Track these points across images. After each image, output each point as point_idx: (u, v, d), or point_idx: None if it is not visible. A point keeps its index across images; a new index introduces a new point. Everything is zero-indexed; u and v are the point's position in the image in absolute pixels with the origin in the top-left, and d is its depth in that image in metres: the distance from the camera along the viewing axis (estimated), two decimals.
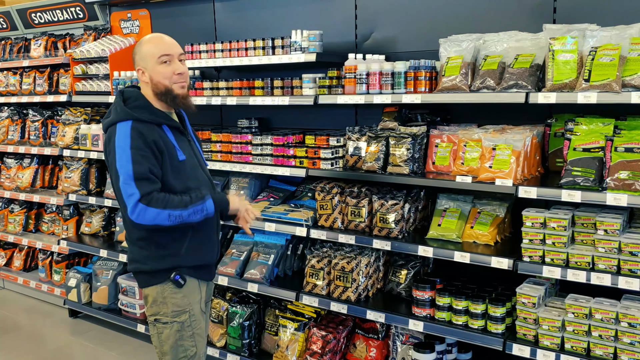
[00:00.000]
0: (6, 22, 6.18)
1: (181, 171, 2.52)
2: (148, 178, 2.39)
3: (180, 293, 2.57)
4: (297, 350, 3.62)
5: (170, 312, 2.56)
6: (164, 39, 2.57)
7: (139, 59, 2.56)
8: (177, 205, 2.40)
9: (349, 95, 3.32)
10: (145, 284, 2.60)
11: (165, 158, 2.46)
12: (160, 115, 2.53)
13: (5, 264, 6.06)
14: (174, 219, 2.41)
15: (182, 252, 2.56)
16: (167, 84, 2.51)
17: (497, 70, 2.99)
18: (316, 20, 3.97)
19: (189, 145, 2.65)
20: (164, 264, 2.55)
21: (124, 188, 2.37)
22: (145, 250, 2.55)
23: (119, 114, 2.47)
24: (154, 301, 2.58)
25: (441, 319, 3.14)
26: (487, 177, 2.92)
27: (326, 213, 3.53)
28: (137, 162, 2.37)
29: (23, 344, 4.70)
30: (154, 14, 4.88)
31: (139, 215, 2.37)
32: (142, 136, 2.41)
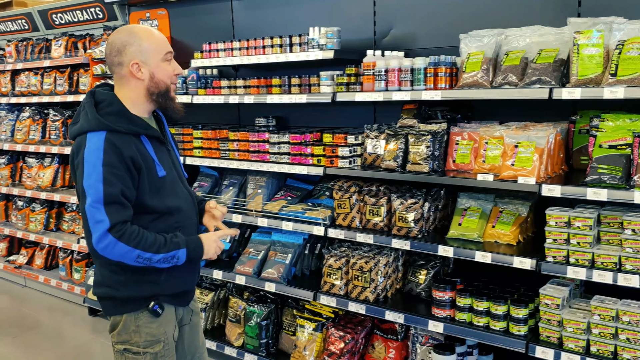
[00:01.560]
0: (28, 23, 6.24)
1: (160, 189, 2.25)
2: (120, 202, 2.11)
3: (157, 322, 2.30)
4: (315, 350, 3.58)
5: (142, 342, 2.29)
6: (162, 35, 2.35)
7: (136, 51, 2.23)
8: (149, 247, 2.15)
9: (368, 93, 3.27)
10: (115, 312, 2.31)
11: (143, 175, 2.18)
12: (139, 124, 2.23)
13: (27, 263, 6.13)
14: (141, 262, 2.15)
15: (162, 279, 2.29)
16: (168, 83, 2.32)
17: (520, 65, 2.92)
18: (334, 17, 3.93)
19: (168, 156, 2.38)
20: (140, 291, 2.27)
21: (91, 212, 2.08)
22: (118, 275, 2.25)
23: (90, 121, 2.15)
24: (124, 329, 2.29)
25: (462, 320, 3.07)
26: (509, 175, 2.85)
27: (344, 212, 3.49)
28: (109, 183, 2.08)
29: (44, 341, 4.74)
30: (172, 13, 4.88)
31: (105, 247, 2.09)
32: (117, 151, 2.11)
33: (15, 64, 5.94)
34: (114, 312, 2.32)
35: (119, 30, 2.30)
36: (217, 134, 4.12)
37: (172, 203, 2.30)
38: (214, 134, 4.12)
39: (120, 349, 2.32)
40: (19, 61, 6.01)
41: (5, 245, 6.49)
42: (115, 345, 2.33)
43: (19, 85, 6.03)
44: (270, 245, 3.95)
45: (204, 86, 4.17)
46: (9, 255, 6.47)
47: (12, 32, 6.50)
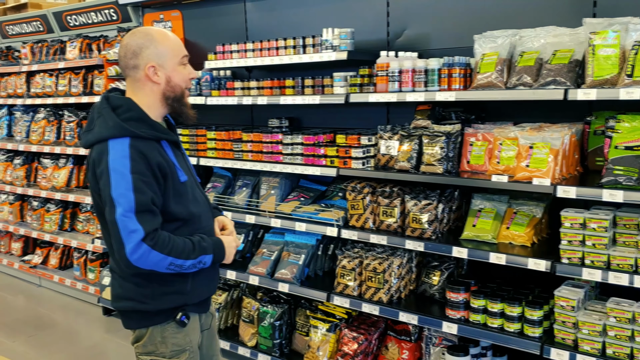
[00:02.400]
0: (43, 25, 6.30)
1: (183, 194, 2.21)
2: (151, 210, 2.05)
3: (183, 332, 2.27)
4: (329, 351, 3.58)
5: (168, 352, 2.25)
6: (177, 38, 2.29)
7: (152, 54, 2.17)
8: (180, 254, 2.11)
9: (381, 94, 3.28)
10: (140, 325, 2.25)
11: (168, 182, 2.14)
12: (160, 129, 2.19)
13: (42, 262, 6.19)
14: (172, 269, 2.12)
15: (188, 289, 2.25)
16: (184, 88, 2.27)
17: (534, 66, 2.91)
18: (347, 18, 3.93)
19: (184, 160, 2.35)
20: (168, 302, 2.22)
21: (123, 222, 2.01)
22: (144, 288, 2.19)
23: (110, 128, 2.08)
24: (150, 341, 2.25)
25: (476, 321, 3.07)
26: (524, 176, 2.84)
27: (357, 213, 3.49)
28: (140, 190, 2.02)
29: (59, 340, 4.78)
30: (186, 15, 4.91)
31: (140, 257, 2.03)
32: (145, 158, 2.06)
33: (30, 65, 6.00)
34: (139, 325, 2.26)
35: (134, 32, 2.24)
36: (231, 135, 4.14)
37: (194, 209, 2.26)
38: (227, 135, 4.14)
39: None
40: (34, 63, 6.06)
41: (21, 245, 6.56)
42: (140, 356, 2.29)
43: (34, 87, 6.09)
44: (283, 246, 3.96)
45: (218, 87, 4.19)
46: (24, 255, 6.54)
47: (27, 34, 6.56)
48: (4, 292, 6.09)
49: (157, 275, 2.15)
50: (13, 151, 6.55)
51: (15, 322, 5.20)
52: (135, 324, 2.28)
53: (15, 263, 6.38)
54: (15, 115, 6.59)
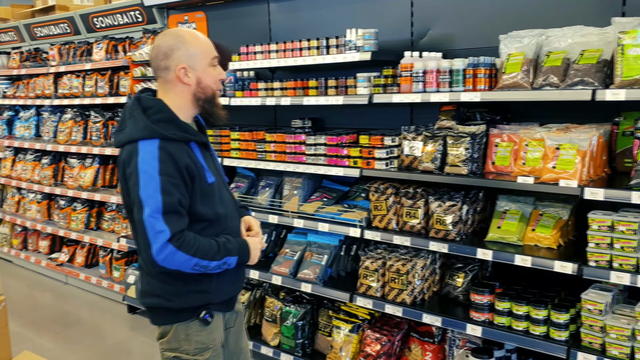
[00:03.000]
0: (70, 27, 6.41)
1: (210, 195, 2.23)
2: (177, 211, 2.09)
3: (206, 330, 2.31)
4: (351, 352, 3.58)
5: (192, 349, 2.28)
6: (208, 39, 2.31)
7: (184, 55, 2.19)
8: (205, 255, 2.14)
9: (405, 94, 3.26)
10: (166, 322, 2.30)
11: (195, 184, 2.16)
12: (189, 131, 2.21)
13: (69, 260, 6.29)
14: (197, 269, 2.15)
15: (213, 288, 2.28)
16: (215, 89, 2.27)
17: (561, 66, 2.87)
18: (371, 18, 3.93)
19: (212, 161, 2.36)
20: (192, 301, 2.26)
21: (150, 223, 2.04)
22: (169, 285, 2.23)
23: (141, 129, 2.11)
24: (174, 338, 2.29)
25: (500, 324, 3.04)
26: (550, 177, 2.81)
27: (380, 214, 3.48)
28: (167, 192, 2.05)
29: (85, 337, 4.86)
30: (210, 16, 4.95)
31: (166, 257, 2.07)
32: (173, 160, 2.09)
33: (58, 66, 6.11)
34: (164, 322, 2.31)
35: (165, 34, 2.25)
36: (254, 136, 4.16)
37: (221, 210, 2.28)
38: (250, 135, 4.17)
39: (170, 356, 2.32)
40: (61, 64, 6.17)
41: (48, 243, 6.68)
42: (165, 352, 2.33)
43: (62, 88, 6.20)
44: (306, 246, 3.97)
45: (242, 88, 4.22)
46: (52, 253, 6.66)
47: (55, 36, 6.68)
48: (32, 289, 6.21)
49: (183, 274, 2.17)
50: (41, 151, 6.68)
51: (43, 319, 5.29)
52: (160, 320, 2.32)
53: (42, 261, 6.51)
54: (43, 115, 6.72)
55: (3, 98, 7.08)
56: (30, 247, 6.91)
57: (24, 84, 6.84)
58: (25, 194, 6.92)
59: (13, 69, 6.88)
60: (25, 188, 6.73)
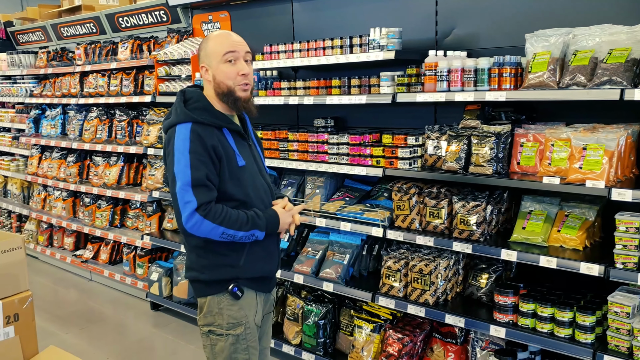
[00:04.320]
0: (96, 27, 6.50)
1: (240, 178, 2.40)
2: (206, 185, 2.29)
3: (237, 305, 2.44)
4: (373, 351, 3.58)
5: (225, 324, 2.44)
6: (231, 36, 2.43)
7: (203, 55, 2.44)
8: (233, 225, 2.32)
9: (429, 93, 3.25)
10: (201, 294, 2.49)
11: (223, 164, 2.35)
12: (221, 118, 2.40)
13: (93, 257, 6.37)
14: (225, 237, 2.33)
15: (241, 264, 2.44)
16: (230, 85, 2.39)
17: (589, 65, 2.83)
18: (395, 17, 3.91)
19: (249, 150, 2.52)
20: (221, 274, 2.43)
21: (181, 194, 2.27)
22: (203, 258, 2.44)
23: (179, 115, 2.37)
24: (209, 311, 2.46)
25: (525, 325, 3.01)
26: (576, 178, 2.77)
27: (403, 214, 3.47)
28: (195, 167, 2.27)
29: (109, 334, 4.92)
30: (234, 16, 4.98)
31: (193, 225, 2.28)
32: (201, 140, 2.30)
33: (84, 65, 6.20)
34: (200, 294, 2.49)
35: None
36: (277, 135, 4.18)
37: (252, 192, 2.44)
38: (273, 134, 4.18)
39: (206, 331, 2.48)
40: (87, 63, 6.26)
41: (73, 240, 6.78)
42: (202, 327, 2.50)
43: (87, 87, 6.29)
44: (328, 245, 3.98)
45: (265, 87, 4.23)
46: (76, 249, 6.75)
47: (81, 36, 6.78)
48: (57, 285, 6.31)
49: (213, 248, 2.38)
50: (67, 149, 6.78)
51: (68, 315, 5.37)
52: (197, 292, 2.50)
53: (67, 257, 6.60)
54: (69, 114, 6.82)
55: (30, 97, 7.20)
56: (56, 244, 7.02)
57: (51, 83, 6.95)
58: (51, 192, 7.03)
59: (40, 68, 6.99)
60: (51, 185, 6.84)
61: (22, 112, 7.59)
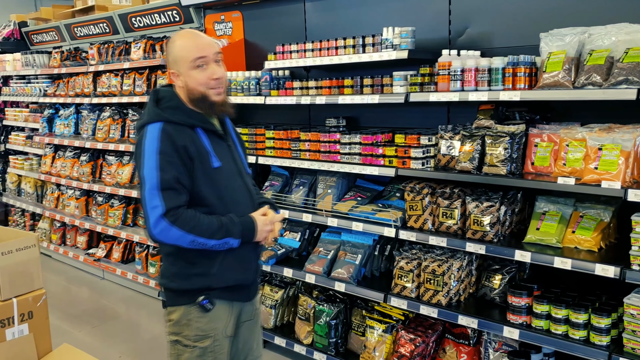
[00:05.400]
0: (109, 27, 6.53)
1: (215, 179, 2.30)
2: (174, 188, 2.18)
3: (207, 317, 2.34)
4: (385, 352, 3.57)
5: (192, 336, 2.34)
6: (199, 38, 2.33)
7: (171, 60, 2.33)
8: (204, 232, 2.21)
9: (443, 93, 3.23)
10: (171, 303, 2.38)
11: (196, 165, 2.25)
12: (194, 117, 2.31)
13: (105, 256, 6.41)
14: (196, 245, 2.21)
15: (213, 272, 2.31)
16: (203, 91, 2.29)
17: (605, 65, 2.80)
18: (408, 16, 3.90)
19: (228, 150, 2.42)
20: (192, 283, 2.32)
21: (149, 198, 2.17)
22: (173, 266, 2.34)
23: (150, 115, 2.28)
24: (177, 321, 2.36)
25: (538, 327, 2.98)
26: (592, 179, 2.74)
27: (416, 214, 3.46)
28: (163, 169, 2.17)
29: (121, 332, 4.95)
30: (246, 16, 4.98)
31: (161, 232, 2.17)
32: (171, 140, 2.20)
33: (97, 65, 6.23)
34: (170, 303, 2.40)
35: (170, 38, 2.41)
36: (289, 134, 4.17)
37: (227, 195, 2.34)
38: (285, 134, 4.18)
39: (173, 340, 2.39)
40: (100, 63, 6.29)
41: (86, 238, 6.82)
42: (169, 335, 2.41)
43: (100, 86, 6.32)
44: (339, 245, 3.97)
45: (277, 87, 4.23)
46: (89, 248, 6.79)
47: (94, 35, 6.82)
48: (70, 283, 6.35)
49: (184, 255, 2.28)
50: (80, 148, 6.82)
51: (81, 313, 5.41)
52: (167, 301, 2.41)
53: (80, 256, 6.65)
54: (82, 113, 6.86)
55: (44, 96, 7.26)
56: (69, 242, 7.07)
57: (64, 82, 7.00)
58: (64, 190, 7.08)
59: (54, 68, 7.04)
60: (65, 184, 6.88)
61: (35, 111, 7.65)
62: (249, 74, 4.44)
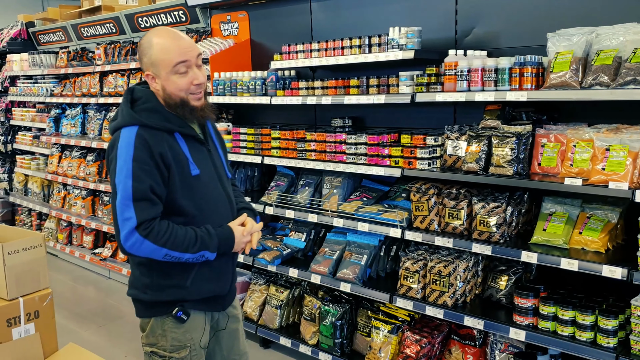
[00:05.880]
0: (115, 27, 6.55)
1: (194, 188, 2.18)
2: (148, 198, 2.05)
3: (183, 328, 2.26)
4: (390, 353, 3.56)
5: (169, 347, 2.26)
6: (180, 41, 2.16)
7: (148, 62, 2.16)
8: (178, 246, 2.09)
9: (449, 93, 3.22)
10: (143, 314, 2.30)
11: (173, 173, 2.12)
12: (173, 121, 2.17)
13: (111, 255, 6.43)
14: (169, 259, 2.11)
15: (188, 284, 2.22)
16: (183, 96, 2.17)
17: (612, 65, 2.78)
18: (414, 16, 3.89)
19: (208, 156, 2.29)
20: (165, 295, 2.22)
21: (120, 209, 2.04)
22: (145, 277, 2.22)
23: (124, 117, 2.13)
24: (151, 332, 2.28)
25: (545, 328, 2.97)
26: (599, 179, 2.73)
27: (422, 214, 3.45)
28: (137, 178, 2.03)
29: (127, 331, 4.96)
30: (252, 16, 4.99)
31: (132, 245, 2.05)
32: (147, 146, 2.06)
33: (103, 65, 6.25)
34: (141, 314, 2.31)
35: (145, 35, 2.22)
36: (295, 135, 4.17)
37: (205, 204, 2.23)
38: (291, 134, 4.18)
39: (148, 351, 2.31)
40: (107, 63, 6.31)
41: (92, 238, 6.84)
42: (144, 347, 2.32)
43: (107, 87, 6.34)
44: (345, 245, 3.96)
45: (283, 87, 4.23)
46: (95, 248, 6.81)
47: (100, 36, 6.84)
48: (76, 283, 6.37)
49: (158, 266, 2.17)
50: (86, 148, 6.84)
51: (87, 313, 5.43)
52: (139, 312, 2.32)
53: (86, 255, 6.67)
54: (88, 113, 6.88)
55: (51, 96, 7.28)
56: (75, 242, 7.09)
57: (71, 82, 7.02)
58: (70, 190, 7.10)
59: (61, 68, 7.07)
60: (71, 184, 6.90)
61: (42, 111, 7.68)
62: (255, 74, 4.44)
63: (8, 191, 8.33)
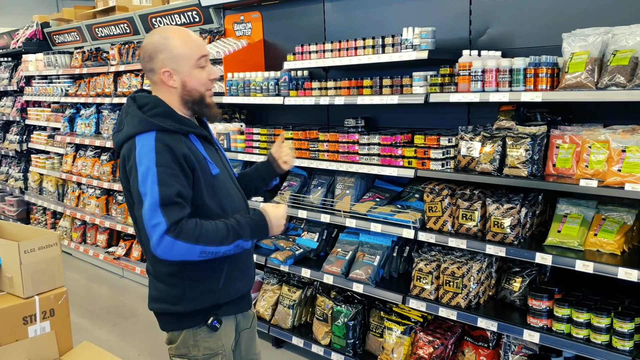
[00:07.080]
0: (129, 27, 6.59)
1: (215, 187, 2.17)
2: (177, 202, 1.99)
3: (215, 336, 2.23)
4: (403, 354, 3.55)
5: (201, 356, 2.22)
6: (196, 36, 2.18)
7: (167, 58, 2.11)
8: (212, 241, 2.03)
9: (463, 93, 3.21)
10: (174, 328, 2.23)
11: (197, 175, 2.09)
12: (187, 123, 2.14)
13: (125, 254, 6.47)
14: (206, 256, 2.05)
15: (221, 286, 2.20)
16: (203, 92, 2.17)
17: (629, 66, 2.75)
18: (428, 16, 3.88)
19: (217, 155, 2.29)
20: (201, 303, 2.18)
21: (148, 216, 1.97)
22: (176, 288, 2.16)
23: (137, 124, 2.06)
24: (182, 344, 2.22)
25: (559, 331, 2.95)
26: (615, 181, 2.70)
27: (435, 215, 3.44)
28: (165, 183, 1.98)
29: (140, 330, 4.99)
30: (265, 16, 5.00)
31: (165, 250, 1.97)
32: (170, 150, 2.02)
33: (118, 66, 6.29)
34: (172, 328, 2.24)
35: (152, 33, 2.18)
36: (307, 135, 4.18)
37: (227, 203, 2.22)
38: (304, 134, 4.19)
39: None
40: (121, 63, 6.35)
41: (106, 237, 6.89)
42: (174, 357, 2.28)
43: (121, 87, 6.38)
44: (358, 246, 3.96)
45: (295, 87, 4.24)
46: (109, 246, 6.87)
47: (115, 36, 6.89)
48: (90, 281, 6.42)
49: (190, 272, 2.14)
50: (100, 148, 6.89)
51: (101, 311, 5.47)
52: (169, 326, 2.26)
53: (100, 254, 6.72)
54: (102, 113, 6.93)
55: (65, 96, 7.35)
56: (89, 241, 7.15)
57: (86, 82, 7.08)
58: (85, 189, 7.16)
59: (75, 68, 7.13)
60: (85, 183, 6.96)
61: (57, 111, 7.75)
62: (268, 74, 4.45)
63: (23, 190, 8.42)
